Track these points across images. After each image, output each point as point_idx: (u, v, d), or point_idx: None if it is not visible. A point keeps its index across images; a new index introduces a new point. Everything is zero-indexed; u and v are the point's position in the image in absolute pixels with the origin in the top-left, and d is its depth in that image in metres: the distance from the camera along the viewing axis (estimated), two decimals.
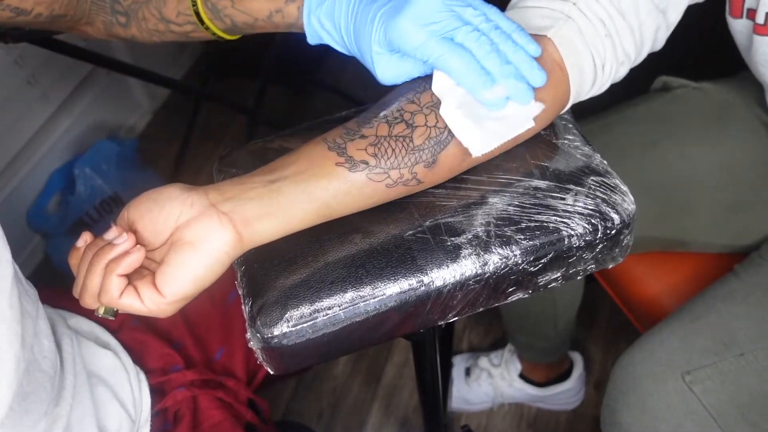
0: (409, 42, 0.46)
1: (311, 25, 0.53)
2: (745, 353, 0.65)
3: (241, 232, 0.45)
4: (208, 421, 0.66)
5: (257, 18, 0.56)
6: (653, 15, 0.55)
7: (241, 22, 0.57)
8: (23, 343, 0.46)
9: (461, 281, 0.48)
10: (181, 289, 0.44)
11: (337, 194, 0.47)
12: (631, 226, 0.51)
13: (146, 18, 0.59)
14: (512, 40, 0.47)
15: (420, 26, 0.46)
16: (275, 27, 0.56)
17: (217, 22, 0.57)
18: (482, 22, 0.47)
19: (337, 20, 0.52)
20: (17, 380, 0.45)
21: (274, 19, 0.55)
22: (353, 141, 0.48)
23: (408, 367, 1.28)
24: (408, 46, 0.47)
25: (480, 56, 0.46)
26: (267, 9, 0.55)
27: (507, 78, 0.46)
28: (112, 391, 0.60)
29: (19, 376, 0.46)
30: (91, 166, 1.42)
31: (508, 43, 0.47)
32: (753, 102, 0.82)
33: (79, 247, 0.47)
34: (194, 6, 0.56)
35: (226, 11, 0.56)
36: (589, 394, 1.21)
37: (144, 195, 0.47)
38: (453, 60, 0.46)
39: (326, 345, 0.48)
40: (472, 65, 0.46)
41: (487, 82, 0.46)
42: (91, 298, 0.45)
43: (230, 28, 0.58)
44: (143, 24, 0.59)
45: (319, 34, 0.54)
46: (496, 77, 0.46)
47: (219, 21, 0.57)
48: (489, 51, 0.46)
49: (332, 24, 0.52)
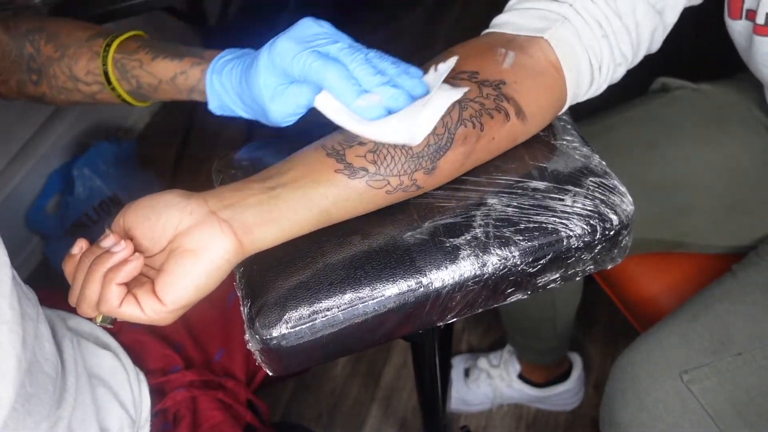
0: (286, 56, 0.46)
1: (212, 87, 0.53)
2: (742, 353, 0.65)
3: (241, 239, 0.45)
4: (207, 422, 0.66)
5: (161, 79, 0.56)
6: (650, 16, 0.55)
7: (146, 84, 0.57)
8: (24, 345, 0.46)
9: (460, 282, 0.48)
10: (182, 297, 0.44)
11: (336, 201, 0.47)
12: (629, 227, 0.51)
13: (56, 75, 0.60)
14: (389, 59, 0.47)
15: (296, 42, 0.47)
16: (177, 91, 0.57)
17: (123, 83, 0.58)
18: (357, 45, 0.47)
19: (234, 78, 0.52)
20: (19, 380, 0.45)
21: (177, 81, 0.56)
22: (352, 147, 0.48)
23: (407, 368, 1.28)
24: (285, 61, 0.46)
25: (353, 67, 0.45)
26: (172, 70, 0.56)
27: (381, 86, 0.45)
28: (112, 392, 0.60)
29: (21, 376, 0.46)
30: (90, 167, 1.42)
31: (384, 60, 0.47)
32: (752, 103, 0.82)
33: (75, 255, 0.46)
34: (104, 65, 0.57)
35: (133, 72, 0.57)
36: (589, 394, 1.21)
37: (141, 201, 0.46)
38: (325, 70, 0.45)
39: (325, 346, 0.48)
40: (345, 75, 0.45)
41: (360, 92, 0.45)
42: (89, 307, 0.45)
43: (135, 90, 0.58)
44: (53, 81, 0.60)
45: (219, 96, 0.53)
46: (369, 86, 0.45)
47: (125, 82, 0.58)
48: (362, 62, 0.46)
49: (230, 83, 0.52)
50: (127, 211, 0.46)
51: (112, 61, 0.57)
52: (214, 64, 0.53)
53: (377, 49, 0.48)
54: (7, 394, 0.44)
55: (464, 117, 0.49)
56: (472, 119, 0.49)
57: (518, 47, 0.53)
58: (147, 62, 0.57)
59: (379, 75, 0.45)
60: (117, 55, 0.57)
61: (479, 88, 0.50)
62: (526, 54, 0.52)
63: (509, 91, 0.51)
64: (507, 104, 0.50)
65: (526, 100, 0.51)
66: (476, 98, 0.49)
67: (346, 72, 0.45)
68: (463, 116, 0.49)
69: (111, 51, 0.57)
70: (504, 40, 0.54)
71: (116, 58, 0.57)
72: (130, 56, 0.57)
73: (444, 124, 0.48)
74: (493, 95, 0.50)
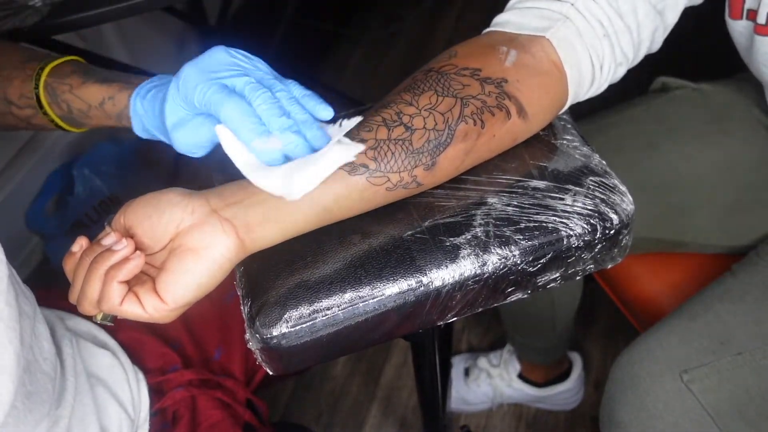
0: (189, 86, 0.45)
1: (135, 112, 0.52)
2: (742, 352, 0.65)
3: (243, 238, 0.45)
4: (206, 421, 0.66)
5: (90, 105, 0.55)
6: (651, 16, 0.55)
7: (76, 109, 0.56)
8: (22, 342, 0.46)
9: (460, 281, 0.48)
10: (183, 295, 0.44)
11: (337, 198, 0.47)
12: (629, 226, 0.51)
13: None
14: (297, 102, 0.46)
15: (202, 72, 0.45)
16: (106, 117, 0.56)
17: (54, 107, 0.57)
18: (269, 79, 0.46)
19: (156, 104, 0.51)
20: (18, 376, 0.45)
21: (106, 107, 0.55)
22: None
23: (407, 368, 1.29)
24: (188, 90, 0.45)
25: (257, 105, 0.44)
26: (101, 96, 0.55)
27: (283, 131, 0.44)
28: (110, 391, 0.60)
29: (20, 373, 0.46)
30: (90, 167, 1.42)
31: (293, 103, 0.45)
32: (752, 103, 0.82)
33: (75, 252, 0.46)
34: (36, 89, 0.56)
35: (63, 96, 0.56)
36: (589, 394, 1.21)
37: (142, 199, 0.46)
38: (228, 105, 0.44)
39: (325, 345, 0.48)
40: (246, 112, 0.44)
41: (261, 132, 0.44)
42: (90, 305, 0.45)
43: (66, 115, 0.57)
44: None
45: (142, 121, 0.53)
46: (271, 128, 0.44)
47: (56, 106, 0.57)
48: (267, 101, 0.44)
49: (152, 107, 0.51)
50: (127, 209, 0.46)
51: (44, 85, 0.56)
52: (139, 89, 0.53)
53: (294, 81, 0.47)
54: (7, 390, 0.44)
55: (465, 114, 0.49)
56: (473, 116, 0.49)
57: (520, 46, 0.53)
58: (77, 86, 0.55)
59: (284, 118, 0.44)
60: (49, 78, 0.56)
61: (481, 85, 0.50)
62: (528, 53, 0.52)
63: (511, 89, 0.51)
64: (509, 102, 0.50)
65: (528, 98, 0.51)
66: (478, 95, 0.49)
67: (248, 109, 0.44)
68: (464, 113, 0.49)
69: (43, 74, 0.56)
70: (506, 39, 0.54)
71: (47, 82, 0.56)
72: (61, 80, 0.56)
73: (444, 119, 0.48)
74: (495, 93, 0.50)
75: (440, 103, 0.49)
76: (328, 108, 0.47)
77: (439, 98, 0.49)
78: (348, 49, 1.92)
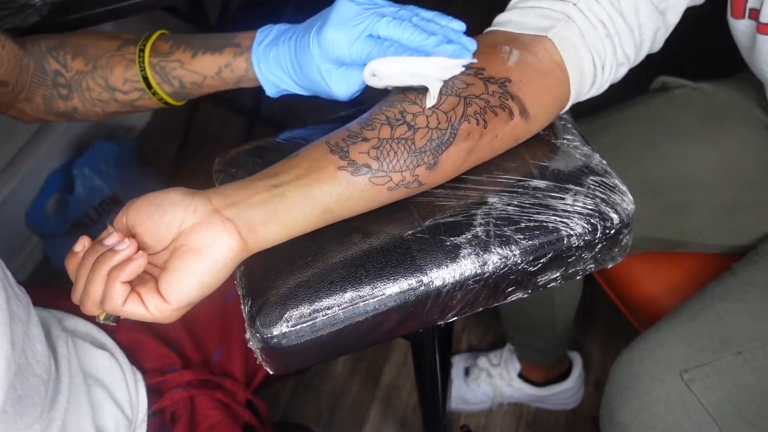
0: (340, 48, 0.49)
1: (264, 76, 0.54)
2: (743, 351, 0.65)
3: (245, 237, 0.45)
4: (205, 422, 0.66)
5: (206, 75, 0.57)
6: (653, 17, 0.55)
7: (190, 83, 0.57)
8: (13, 346, 0.46)
9: (461, 281, 0.48)
10: (186, 295, 0.44)
11: (340, 198, 0.47)
12: (630, 225, 0.51)
13: (90, 88, 0.59)
14: (435, 21, 0.50)
15: (344, 30, 0.48)
16: (224, 83, 0.57)
17: (165, 86, 0.58)
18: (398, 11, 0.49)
19: (284, 63, 0.53)
20: (8, 381, 0.45)
21: (223, 75, 0.56)
22: (356, 144, 0.48)
23: (407, 367, 1.29)
24: (340, 52, 0.49)
25: (406, 37, 0.48)
26: (216, 65, 0.56)
27: (437, 47, 0.48)
28: (108, 391, 0.60)
29: (11, 377, 0.46)
30: (90, 167, 1.42)
31: (431, 23, 0.50)
32: (752, 102, 0.82)
33: (77, 252, 0.46)
34: (143, 71, 0.57)
35: (174, 72, 0.57)
36: (589, 393, 1.21)
37: (144, 199, 0.46)
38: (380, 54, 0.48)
39: (326, 345, 0.48)
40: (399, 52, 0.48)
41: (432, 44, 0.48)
42: (93, 305, 0.45)
43: (177, 91, 0.58)
44: (86, 94, 0.59)
45: (273, 82, 0.55)
46: (427, 49, 0.48)
47: (167, 84, 0.58)
48: (412, 31, 0.48)
49: (281, 68, 0.53)
50: (130, 209, 0.46)
51: (149, 66, 0.57)
52: (256, 53, 0.54)
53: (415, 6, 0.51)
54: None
55: (468, 113, 0.49)
56: (476, 116, 0.49)
57: (522, 46, 0.53)
58: (187, 61, 0.57)
59: (432, 36, 0.48)
60: (153, 59, 0.57)
61: (485, 84, 0.50)
62: (530, 53, 0.52)
63: (514, 89, 0.51)
64: (511, 102, 0.50)
65: (530, 99, 0.51)
66: (481, 95, 0.49)
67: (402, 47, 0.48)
68: (467, 112, 0.49)
69: (146, 56, 0.57)
70: (508, 39, 0.54)
71: (153, 62, 0.57)
72: (167, 58, 0.57)
73: (447, 119, 0.48)
74: (499, 93, 0.50)
75: (443, 101, 0.49)
76: (459, 22, 0.51)
77: (443, 97, 0.49)
78: None
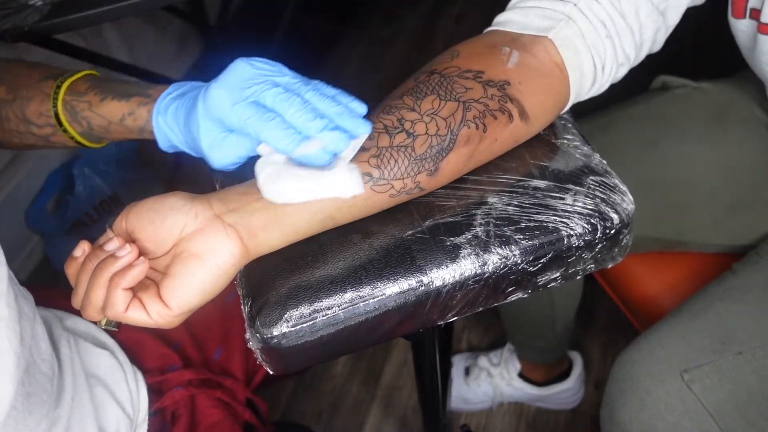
0: (222, 107, 0.45)
1: (159, 127, 0.52)
2: (743, 351, 0.65)
3: (246, 243, 0.45)
4: (206, 421, 0.66)
5: (111, 121, 0.55)
6: (653, 17, 0.55)
7: (97, 126, 0.56)
8: (22, 343, 0.46)
9: (461, 281, 0.48)
10: (188, 301, 0.44)
11: (341, 206, 0.47)
12: (630, 225, 0.51)
13: (9, 118, 0.58)
14: (331, 98, 0.45)
15: (231, 91, 0.45)
16: (128, 132, 0.55)
17: (75, 125, 0.56)
18: (296, 84, 0.46)
19: (179, 117, 0.50)
20: (18, 377, 0.45)
21: (126, 122, 0.54)
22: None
23: (407, 367, 1.29)
24: (222, 112, 0.45)
25: (290, 114, 0.44)
26: (120, 112, 0.54)
27: (320, 132, 0.44)
28: (109, 391, 0.60)
29: (20, 374, 0.46)
30: (90, 167, 1.42)
31: (323, 99, 0.45)
32: (752, 102, 0.82)
33: (77, 257, 0.46)
34: (54, 107, 0.56)
35: (83, 113, 0.56)
36: (589, 393, 1.21)
37: (144, 204, 0.46)
38: (262, 126, 0.44)
39: (326, 345, 0.48)
40: (279, 125, 0.44)
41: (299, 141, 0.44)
42: (94, 311, 0.44)
43: (87, 132, 0.57)
44: (5, 124, 0.58)
45: (167, 135, 0.52)
46: (310, 133, 0.44)
47: (77, 123, 0.56)
48: (299, 108, 0.44)
49: (176, 123, 0.50)
50: (129, 213, 0.46)
51: (62, 103, 0.56)
52: (158, 104, 0.52)
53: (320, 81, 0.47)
54: (7, 391, 0.44)
55: (467, 118, 0.48)
56: (475, 120, 0.49)
57: (522, 47, 0.53)
58: (95, 104, 0.55)
59: (318, 119, 0.44)
60: (67, 96, 0.56)
61: (484, 88, 0.50)
62: (530, 53, 0.52)
63: (514, 92, 0.50)
64: (511, 105, 0.50)
65: (530, 101, 0.51)
66: (480, 98, 0.49)
67: (283, 123, 0.44)
68: (466, 117, 0.48)
69: (61, 93, 0.56)
70: (508, 39, 0.54)
71: (66, 100, 0.56)
72: (79, 98, 0.56)
73: (447, 124, 0.48)
74: (498, 96, 0.50)
75: (443, 107, 0.48)
76: (361, 104, 0.46)
77: (442, 102, 0.49)
78: (348, 48, 1.92)
